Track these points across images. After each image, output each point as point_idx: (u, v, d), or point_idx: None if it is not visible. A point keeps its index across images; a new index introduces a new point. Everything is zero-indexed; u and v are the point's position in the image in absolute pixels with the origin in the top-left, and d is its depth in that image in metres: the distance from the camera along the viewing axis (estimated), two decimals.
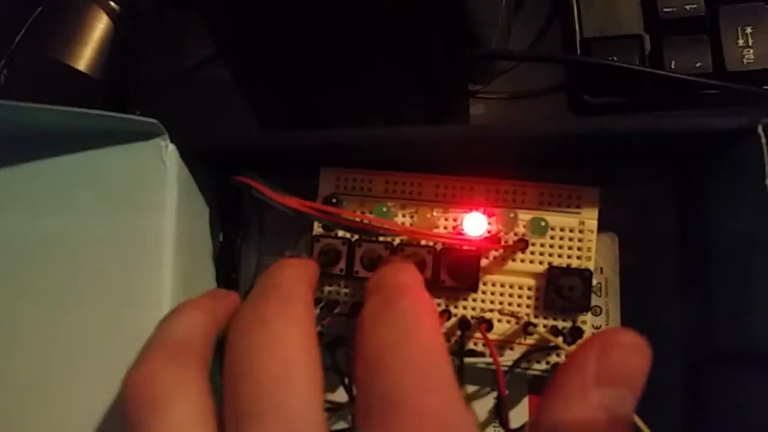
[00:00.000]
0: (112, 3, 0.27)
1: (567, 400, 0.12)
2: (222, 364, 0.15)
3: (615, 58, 0.22)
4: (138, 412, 0.14)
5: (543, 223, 0.20)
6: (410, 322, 0.14)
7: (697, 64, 0.22)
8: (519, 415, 0.21)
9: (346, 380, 0.20)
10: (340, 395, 0.21)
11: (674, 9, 0.22)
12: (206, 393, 0.14)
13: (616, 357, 0.13)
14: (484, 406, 0.21)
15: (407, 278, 0.16)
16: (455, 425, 0.12)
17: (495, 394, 0.21)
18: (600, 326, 0.21)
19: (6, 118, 0.19)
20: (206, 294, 0.19)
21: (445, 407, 0.12)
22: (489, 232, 0.20)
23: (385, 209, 0.20)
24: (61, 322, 0.19)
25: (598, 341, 0.13)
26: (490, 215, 0.20)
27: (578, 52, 0.23)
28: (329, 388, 0.22)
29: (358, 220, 0.20)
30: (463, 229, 0.20)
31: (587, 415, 0.12)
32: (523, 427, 0.19)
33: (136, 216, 0.19)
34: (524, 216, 0.20)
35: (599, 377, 0.12)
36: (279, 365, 0.13)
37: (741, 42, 0.22)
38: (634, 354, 0.13)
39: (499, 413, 0.20)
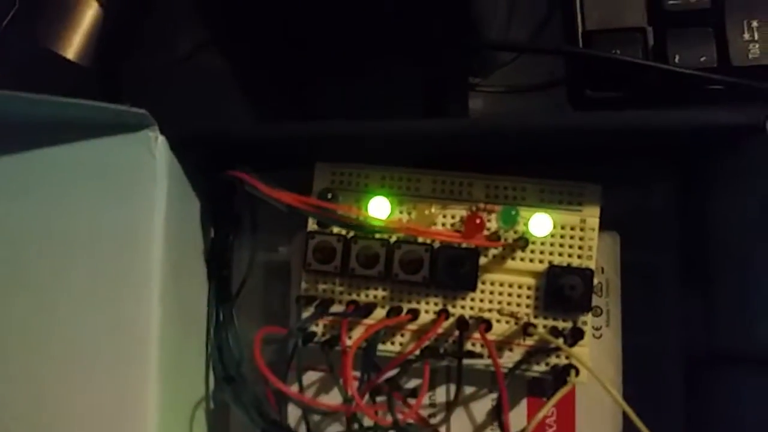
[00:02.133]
0: None
1: None
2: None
3: (618, 51, 0.22)
4: None
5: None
6: None
7: (702, 58, 0.21)
8: (518, 416, 0.21)
9: (341, 381, 0.19)
10: (335, 397, 0.20)
11: (679, 1, 0.22)
12: None
13: None
14: (483, 408, 0.21)
15: None
16: None
17: (493, 395, 0.21)
18: (600, 327, 0.21)
19: None
20: None
21: None
22: (488, 229, 0.20)
23: (382, 205, 0.20)
24: (50, 315, 0.18)
25: None
26: (489, 212, 0.20)
27: (580, 44, 0.22)
28: (324, 390, 0.21)
29: (354, 216, 0.19)
30: (461, 227, 0.20)
31: None
32: (522, 430, 0.18)
33: (125, 209, 0.19)
34: (525, 213, 0.20)
35: None
36: None
37: (747, 36, 0.21)
38: None
39: (499, 415, 0.19)
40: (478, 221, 0.19)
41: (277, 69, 0.23)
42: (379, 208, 0.20)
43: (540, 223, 0.20)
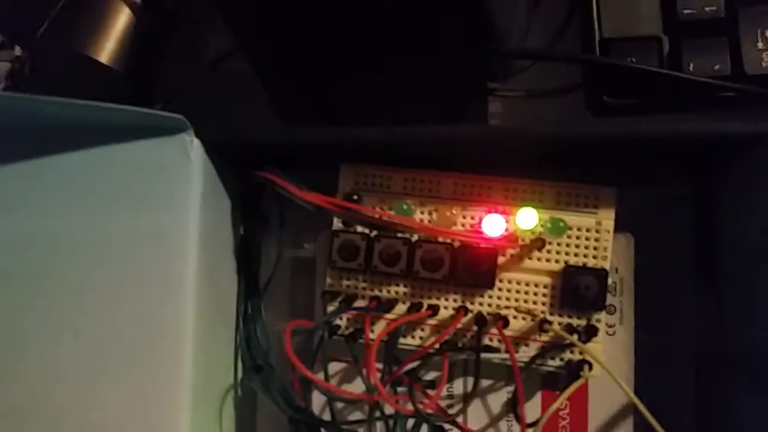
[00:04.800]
0: None
1: None
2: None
3: (633, 59, 0.22)
4: None
5: (562, 224, 0.20)
6: None
7: (716, 67, 0.22)
8: (532, 409, 0.21)
9: (364, 372, 0.20)
10: (358, 386, 0.21)
11: (694, 10, 0.22)
12: None
13: None
14: (498, 400, 0.22)
15: None
16: None
17: (509, 388, 0.22)
18: (614, 325, 0.21)
19: (29, 111, 0.19)
20: None
21: None
22: (507, 230, 0.21)
23: (405, 207, 0.21)
24: (88, 309, 0.19)
25: None
26: (508, 214, 0.21)
27: (597, 52, 0.23)
28: (347, 380, 0.22)
29: (377, 216, 0.20)
30: (481, 229, 0.21)
31: None
32: (536, 422, 0.19)
33: (160, 211, 0.20)
34: (543, 215, 0.20)
35: None
36: None
37: (760, 45, 0.22)
38: None
39: (514, 408, 0.20)
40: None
41: (299, 74, 0.24)
42: (526, 219, 0.20)
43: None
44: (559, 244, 0.21)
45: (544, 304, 0.21)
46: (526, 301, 0.21)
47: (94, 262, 0.20)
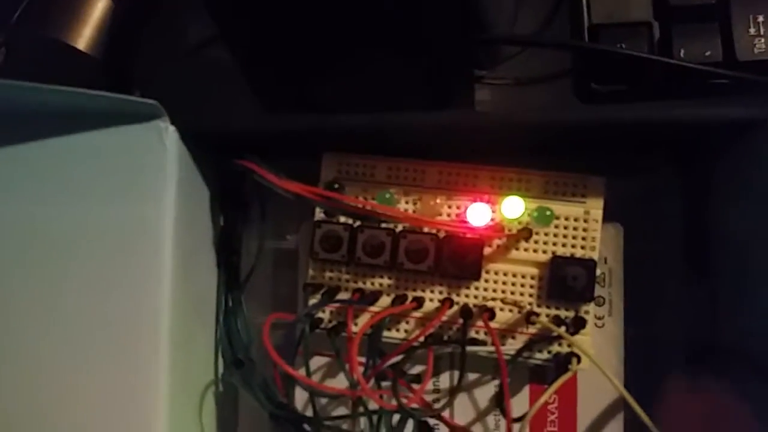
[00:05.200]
0: None
1: None
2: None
3: (623, 45, 0.22)
4: None
5: (549, 212, 0.20)
6: None
7: (707, 53, 0.22)
8: (520, 403, 0.21)
9: (347, 366, 0.20)
10: (342, 381, 0.21)
11: None
12: None
13: None
14: (485, 394, 0.21)
15: None
16: None
17: (496, 382, 0.21)
18: (603, 317, 0.21)
19: (2, 97, 0.18)
20: None
21: None
22: (492, 219, 0.20)
23: (388, 196, 0.20)
24: (62, 301, 0.19)
25: None
26: (494, 203, 0.20)
27: (586, 38, 0.22)
28: (330, 374, 0.22)
29: (360, 206, 0.20)
30: (466, 218, 0.20)
31: None
32: (524, 416, 0.19)
33: (135, 198, 0.19)
34: (530, 204, 0.20)
35: None
36: None
37: (752, 31, 0.21)
38: None
39: (500, 402, 0.20)
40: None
41: (281, 62, 0.23)
42: (512, 208, 0.20)
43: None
44: (546, 234, 0.20)
45: (531, 295, 0.20)
46: (512, 293, 0.20)
47: (67, 253, 0.19)
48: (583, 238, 0.20)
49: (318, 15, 0.21)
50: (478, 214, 0.20)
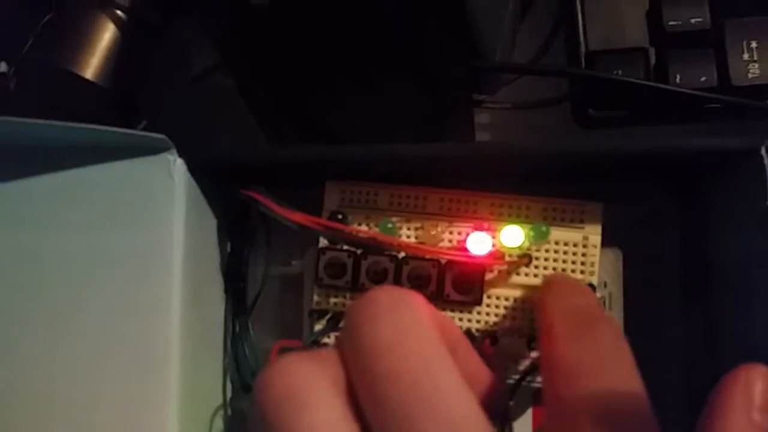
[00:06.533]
0: (119, 12, 0.27)
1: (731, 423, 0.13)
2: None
3: (620, 72, 0.22)
4: (276, 412, 0.13)
5: (544, 228, 0.20)
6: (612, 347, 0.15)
7: (702, 78, 0.22)
8: (523, 426, 0.21)
9: None
10: None
11: (680, 22, 0.22)
12: (343, 387, 0.14)
13: None
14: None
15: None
16: None
17: None
18: None
19: (13, 133, 0.19)
20: None
21: None
22: (493, 246, 0.20)
23: (390, 225, 0.21)
24: (72, 329, 0.19)
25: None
26: (494, 231, 0.20)
27: (583, 64, 0.23)
28: None
29: (363, 235, 0.20)
30: (467, 245, 0.20)
31: None
32: None
33: (144, 230, 0.20)
34: (528, 231, 0.20)
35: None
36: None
37: (746, 56, 0.22)
38: None
39: (504, 424, 0.20)
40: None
41: (284, 90, 0.24)
42: (511, 237, 0.20)
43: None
44: (546, 260, 0.20)
45: (532, 320, 0.20)
46: (514, 318, 0.21)
47: (78, 283, 0.19)
48: (582, 263, 0.20)
49: (319, 46, 0.21)
50: (478, 243, 0.20)
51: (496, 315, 0.21)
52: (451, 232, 0.21)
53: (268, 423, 0.13)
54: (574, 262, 0.20)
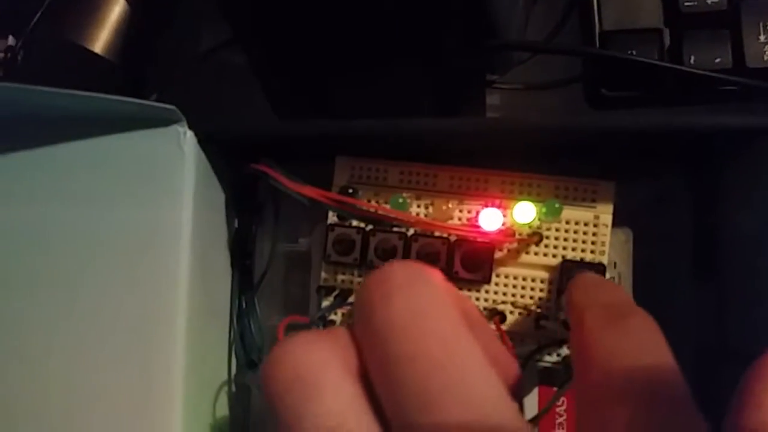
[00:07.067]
0: None
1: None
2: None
3: (634, 52, 0.22)
4: (285, 396, 0.12)
5: (557, 205, 0.20)
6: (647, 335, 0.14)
7: (717, 60, 0.22)
8: (529, 405, 0.21)
9: None
10: None
11: (695, 2, 0.22)
12: (356, 369, 0.13)
13: None
14: None
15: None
16: None
17: None
18: None
19: (20, 101, 0.19)
20: None
21: None
22: (504, 224, 0.20)
23: (401, 200, 0.21)
24: (79, 304, 0.19)
25: None
26: (505, 208, 0.20)
27: (597, 44, 0.23)
28: None
29: (373, 210, 0.20)
30: (478, 223, 0.20)
31: None
32: (534, 418, 0.19)
33: (152, 203, 0.19)
34: (540, 209, 0.20)
35: None
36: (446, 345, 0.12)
37: (762, 38, 0.22)
38: None
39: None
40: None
41: (296, 67, 0.23)
42: (523, 213, 0.20)
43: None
44: (556, 239, 0.20)
45: (541, 299, 0.20)
46: (523, 296, 0.21)
47: (84, 255, 0.19)
48: (593, 243, 0.20)
49: (332, 22, 0.21)
50: (490, 219, 0.20)
51: (505, 294, 0.21)
52: (461, 210, 0.21)
53: (276, 406, 0.12)
54: (584, 242, 0.20)
